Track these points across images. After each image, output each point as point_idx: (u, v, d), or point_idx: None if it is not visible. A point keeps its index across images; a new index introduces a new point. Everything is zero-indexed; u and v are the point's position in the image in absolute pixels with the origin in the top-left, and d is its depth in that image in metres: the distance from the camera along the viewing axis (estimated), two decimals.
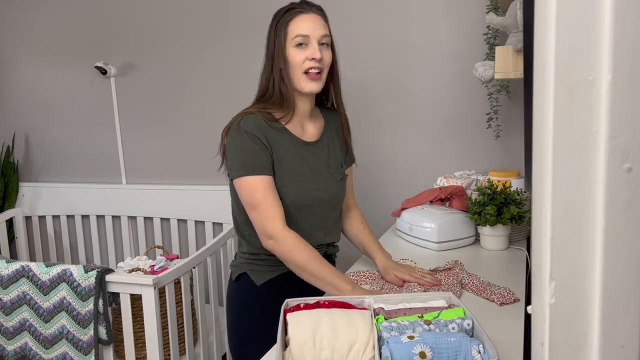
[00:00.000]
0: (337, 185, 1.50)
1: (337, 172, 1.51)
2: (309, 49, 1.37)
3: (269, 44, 1.42)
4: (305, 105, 1.46)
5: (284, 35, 1.37)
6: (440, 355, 0.86)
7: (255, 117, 1.39)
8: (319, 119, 1.53)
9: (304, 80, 1.38)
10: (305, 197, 1.42)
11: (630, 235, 0.52)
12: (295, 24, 1.37)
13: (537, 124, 0.55)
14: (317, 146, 1.49)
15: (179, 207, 2.69)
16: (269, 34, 1.42)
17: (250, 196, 1.35)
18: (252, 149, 1.36)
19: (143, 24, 2.65)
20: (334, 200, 1.49)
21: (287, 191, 1.39)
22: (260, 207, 1.33)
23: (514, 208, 1.61)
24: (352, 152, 1.61)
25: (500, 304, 1.25)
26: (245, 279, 1.48)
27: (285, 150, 1.41)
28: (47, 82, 2.91)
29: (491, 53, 1.90)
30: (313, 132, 1.50)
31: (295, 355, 0.95)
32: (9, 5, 2.91)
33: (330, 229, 1.52)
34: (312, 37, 1.37)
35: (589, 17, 0.50)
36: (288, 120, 1.42)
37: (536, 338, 0.58)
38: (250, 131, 1.37)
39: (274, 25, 1.41)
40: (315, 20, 1.38)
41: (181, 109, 2.66)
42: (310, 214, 1.44)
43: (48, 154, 2.99)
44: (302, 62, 1.37)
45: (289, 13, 1.39)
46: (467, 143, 2.18)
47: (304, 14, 1.38)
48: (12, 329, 1.91)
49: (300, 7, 1.39)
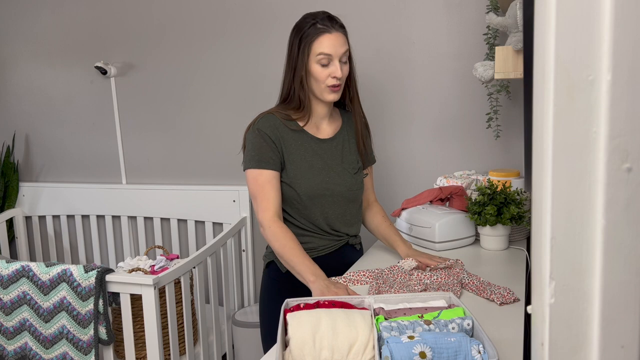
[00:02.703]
0: (351, 178, 1.62)
1: (351, 167, 1.63)
2: (331, 67, 1.50)
3: (291, 54, 1.54)
4: (322, 108, 1.61)
5: (307, 51, 1.50)
6: (440, 355, 0.86)
7: (272, 116, 1.56)
8: (337, 119, 1.68)
9: (326, 92, 1.53)
10: (317, 187, 1.55)
11: (630, 235, 0.52)
12: (319, 43, 1.49)
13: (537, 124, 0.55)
14: (331, 143, 1.62)
15: (179, 207, 2.69)
16: (292, 44, 1.54)
17: (252, 186, 1.53)
18: (260, 145, 1.52)
19: (143, 24, 2.65)
20: (348, 193, 1.61)
21: (299, 182, 1.54)
22: (258, 197, 1.51)
23: (514, 208, 1.61)
24: (371, 152, 1.76)
25: (500, 303, 1.25)
26: (273, 266, 1.63)
27: (299, 146, 1.56)
28: (47, 82, 2.91)
29: (491, 53, 1.90)
30: (328, 130, 1.64)
31: (295, 355, 0.95)
32: (10, 5, 2.91)
33: (349, 220, 1.64)
34: (335, 56, 1.50)
35: (588, 17, 0.50)
36: (305, 122, 1.58)
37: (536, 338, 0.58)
38: (262, 129, 1.53)
39: (298, 39, 1.51)
40: (338, 39, 1.50)
41: (181, 109, 2.66)
42: (327, 205, 1.58)
43: (48, 154, 2.99)
44: (325, 78, 1.51)
45: (314, 29, 1.49)
46: (467, 143, 2.18)
47: (328, 34, 1.49)
48: (12, 329, 1.91)
49: (324, 25, 1.49)
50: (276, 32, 2.40)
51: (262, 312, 1.67)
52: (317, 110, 1.60)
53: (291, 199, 1.56)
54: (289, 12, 2.36)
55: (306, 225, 1.59)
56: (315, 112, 1.60)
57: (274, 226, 1.47)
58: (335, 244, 1.64)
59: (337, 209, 1.60)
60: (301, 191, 1.54)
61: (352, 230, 1.66)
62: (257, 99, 2.46)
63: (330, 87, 1.52)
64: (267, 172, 1.51)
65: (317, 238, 1.61)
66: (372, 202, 1.77)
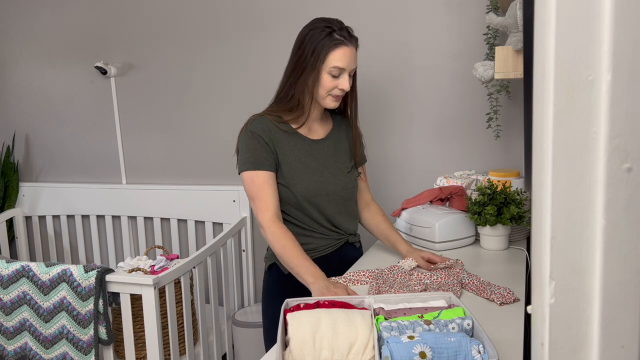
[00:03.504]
0: (345, 178, 1.64)
1: (344, 167, 1.65)
2: (341, 79, 1.52)
3: (301, 57, 1.52)
4: (316, 111, 1.63)
5: (321, 60, 1.49)
6: (440, 355, 0.86)
7: (263, 118, 1.57)
8: (328, 121, 1.70)
9: (329, 100, 1.55)
10: (313, 187, 1.56)
11: (630, 235, 0.52)
12: (335, 55, 1.49)
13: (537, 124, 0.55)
14: (323, 144, 1.64)
15: (179, 207, 2.69)
16: (303, 47, 1.51)
17: (249, 188, 1.53)
18: (254, 146, 1.53)
19: (143, 24, 2.65)
20: (343, 192, 1.62)
21: (295, 183, 1.55)
22: (256, 199, 1.51)
23: (514, 208, 1.61)
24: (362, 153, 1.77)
25: (500, 303, 1.25)
26: (275, 268, 1.63)
27: (292, 147, 1.57)
28: (47, 82, 2.91)
29: (491, 53, 1.90)
30: (320, 131, 1.66)
31: (295, 355, 0.95)
32: (9, 5, 2.91)
33: (347, 217, 1.66)
34: (347, 70, 1.52)
35: (588, 17, 0.50)
36: (299, 125, 1.58)
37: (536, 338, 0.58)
38: (255, 131, 1.54)
39: (313, 45, 1.49)
40: (352, 55, 1.52)
41: (181, 109, 2.66)
42: (323, 204, 1.59)
43: (48, 154, 2.99)
44: (332, 88, 1.52)
45: (330, 40, 1.48)
46: (467, 143, 2.18)
47: (345, 47, 1.49)
48: (12, 329, 1.91)
49: (341, 36, 1.49)
50: (277, 33, 2.40)
51: (265, 313, 1.67)
52: (313, 113, 1.62)
53: (288, 200, 1.56)
54: (290, 13, 2.36)
55: (307, 224, 1.59)
56: (311, 115, 1.61)
57: (273, 227, 1.48)
58: (336, 243, 1.64)
59: (333, 208, 1.61)
60: (297, 192, 1.55)
61: (351, 226, 1.68)
62: (257, 99, 2.46)
63: (334, 96, 1.54)
64: (263, 173, 1.51)
65: (318, 238, 1.61)
66: (369, 201, 1.77)
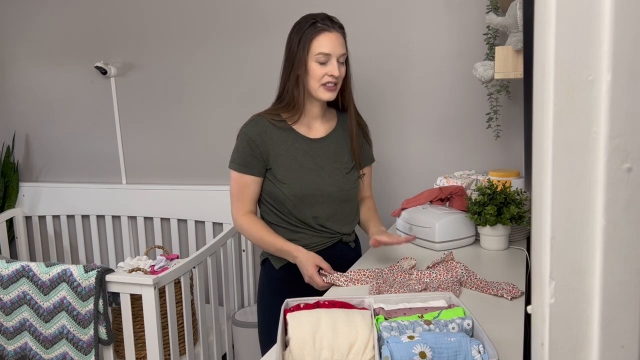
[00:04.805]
0: (343, 178, 1.63)
1: (343, 167, 1.64)
2: (329, 66, 1.52)
3: (289, 51, 1.56)
4: (315, 108, 1.62)
5: (307, 49, 1.51)
6: (440, 355, 0.86)
7: (261, 119, 1.58)
8: (332, 119, 1.69)
9: (321, 91, 1.54)
10: (307, 187, 1.57)
11: (630, 235, 0.52)
12: (319, 42, 1.50)
13: (537, 124, 0.55)
14: (323, 143, 1.63)
15: (179, 207, 2.69)
16: (291, 42, 1.55)
17: (232, 186, 1.62)
18: (244, 149, 1.58)
19: (143, 24, 2.65)
20: (340, 193, 1.62)
21: (289, 182, 1.56)
22: (234, 198, 1.61)
23: (514, 208, 1.61)
24: (368, 152, 1.77)
25: (510, 298, 1.27)
26: (268, 263, 1.67)
27: (289, 147, 1.58)
28: (47, 82, 2.91)
29: (491, 53, 1.90)
30: (321, 130, 1.65)
31: (295, 355, 0.95)
32: (9, 5, 2.91)
33: (341, 220, 1.65)
34: (333, 55, 1.52)
35: (588, 17, 0.50)
36: (294, 121, 1.59)
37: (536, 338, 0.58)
38: (249, 133, 1.57)
39: (298, 36, 1.53)
40: (337, 40, 1.52)
41: (181, 109, 2.66)
42: (317, 205, 1.59)
43: (48, 154, 2.99)
44: (321, 76, 1.52)
45: (314, 28, 1.51)
46: (467, 143, 2.18)
47: (327, 32, 1.51)
48: (12, 329, 1.91)
49: (324, 24, 1.51)
50: (276, 32, 2.39)
51: (259, 307, 1.70)
52: (311, 110, 1.61)
53: (280, 199, 1.58)
54: (288, 13, 2.36)
55: (297, 223, 1.61)
56: (308, 111, 1.61)
57: (240, 219, 1.59)
58: (328, 241, 1.64)
59: (327, 209, 1.61)
60: (290, 191, 1.55)
61: (345, 229, 1.67)
62: (257, 99, 2.46)
63: (326, 85, 1.53)
64: (247, 177, 1.58)
65: (309, 235, 1.62)
66: (365, 197, 1.79)
